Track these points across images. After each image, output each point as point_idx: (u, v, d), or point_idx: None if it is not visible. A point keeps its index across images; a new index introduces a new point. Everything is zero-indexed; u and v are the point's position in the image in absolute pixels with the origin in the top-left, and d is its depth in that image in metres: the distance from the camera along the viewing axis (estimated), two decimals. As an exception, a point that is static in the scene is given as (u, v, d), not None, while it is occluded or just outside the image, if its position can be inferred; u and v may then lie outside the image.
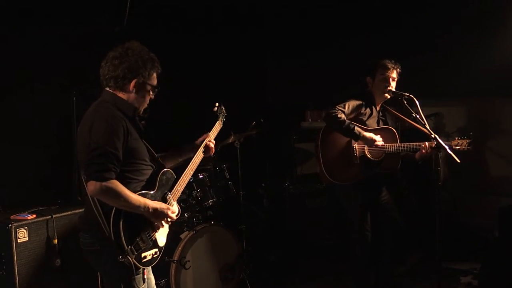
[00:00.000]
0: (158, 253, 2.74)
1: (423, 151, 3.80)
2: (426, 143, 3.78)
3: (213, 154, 3.17)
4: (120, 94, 2.68)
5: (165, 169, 2.82)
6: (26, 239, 3.69)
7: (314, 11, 6.05)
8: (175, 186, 2.86)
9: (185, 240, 4.06)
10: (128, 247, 2.50)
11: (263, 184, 5.61)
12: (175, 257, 3.98)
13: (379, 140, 3.86)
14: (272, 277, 5.01)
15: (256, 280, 4.64)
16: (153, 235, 2.69)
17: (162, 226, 2.74)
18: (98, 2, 4.45)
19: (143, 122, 4.59)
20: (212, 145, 3.12)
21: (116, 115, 2.59)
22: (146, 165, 2.73)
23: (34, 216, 3.80)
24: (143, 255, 2.61)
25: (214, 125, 3.27)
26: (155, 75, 2.74)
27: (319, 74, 6.04)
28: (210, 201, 4.37)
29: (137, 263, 2.56)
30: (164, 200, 2.77)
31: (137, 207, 2.55)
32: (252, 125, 4.73)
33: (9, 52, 4.30)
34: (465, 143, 3.75)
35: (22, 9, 4.21)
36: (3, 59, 4.25)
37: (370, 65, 4.05)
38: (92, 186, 2.44)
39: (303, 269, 5.15)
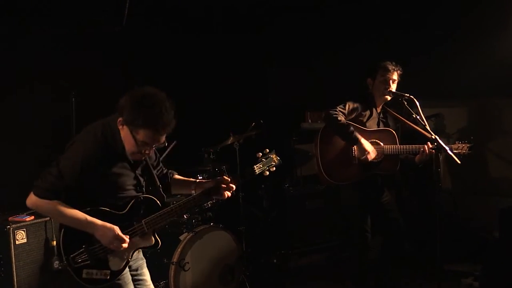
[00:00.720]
0: (108, 276, 2.54)
1: (423, 154, 3.78)
2: (426, 146, 3.76)
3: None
4: (120, 128, 2.51)
5: (144, 196, 2.66)
6: (25, 240, 3.69)
7: (314, 12, 6.02)
8: (154, 215, 2.63)
9: (184, 241, 4.04)
10: (65, 257, 2.47)
11: (262, 186, 5.59)
12: (174, 259, 3.96)
13: (371, 156, 3.82)
14: (272, 278, 5.00)
15: (256, 281, 4.62)
16: (100, 254, 2.53)
17: (110, 248, 2.52)
18: (98, 2, 4.44)
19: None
20: (225, 191, 2.75)
21: (100, 146, 2.47)
22: (126, 194, 2.61)
23: (33, 217, 3.80)
24: (85, 270, 2.50)
25: (247, 169, 2.86)
26: (143, 132, 2.43)
27: (319, 74, 6.02)
28: (209, 202, 4.34)
29: (75, 277, 2.48)
30: (130, 225, 2.59)
31: (76, 223, 2.47)
32: (252, 126, 4.71)
33: (9, 52, 4.29)
34: (465, 147, 3.70)
35: (21, 9, 4.20)
36: (3, 59, 4.24)
37: (371, 67, 4.03)
38: (31, 197, 2.47)
39: (303, 270, 5.12)
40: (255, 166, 2.83)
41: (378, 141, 3.94)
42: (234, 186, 2.78)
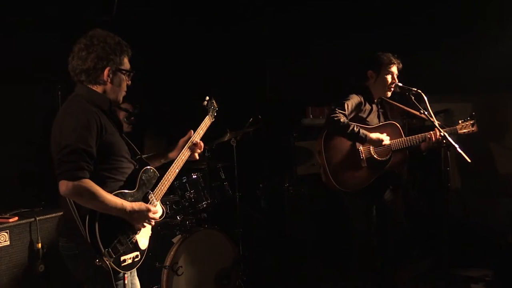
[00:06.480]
0: (139, 257, 2.64)
1: (430, 141, 3.72)
2: (432, 133, 3.71)
3: (205, 151, 3.00)
4: (95, 87, 2.58)
5: (147, 167, 2.71)
6: (8, 243, 3.61)
7: (314, 5, 5.99)
8: (158, 185, 2.76)
9: (178, 244, 3.97)
10: (104, 250, 2.41)
11: (260, 185, 5.55)
12: (167, 263, 3.89)
13: (386, 139, 3.76)
14: (270, 283, 4.92)
15: (253, 286, 4.56)
16: (133, 237, 2.59)
17: (144, 227, 2.64)
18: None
19: (132, 118, 4.42)
20: (200, 142, 3.05)
21: (88, 109, 2.49)
22: (125, 162, 2.62)
23: (16, 218, 3.73)
24: (122, 258, 2.51)
25: (203, 120, 3.17)
26: (126, 59, 2.64)
27: (320, 68, 5.94)
28: (204, 202, 4.31)
29: (115, 267, 2.46)
30: (146, 200, 2.67)
31: (113, 208, 2.44)
32: (250, 122, 4.66)
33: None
34: (469, 124, 3.74)
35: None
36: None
37: (375, 59, 3.90)
38: (63, 186, 2.34)
39: (303, 274, 5.05)
40: (209, 115, 3.18)
41: (384, 137, 3.86)
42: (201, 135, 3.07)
